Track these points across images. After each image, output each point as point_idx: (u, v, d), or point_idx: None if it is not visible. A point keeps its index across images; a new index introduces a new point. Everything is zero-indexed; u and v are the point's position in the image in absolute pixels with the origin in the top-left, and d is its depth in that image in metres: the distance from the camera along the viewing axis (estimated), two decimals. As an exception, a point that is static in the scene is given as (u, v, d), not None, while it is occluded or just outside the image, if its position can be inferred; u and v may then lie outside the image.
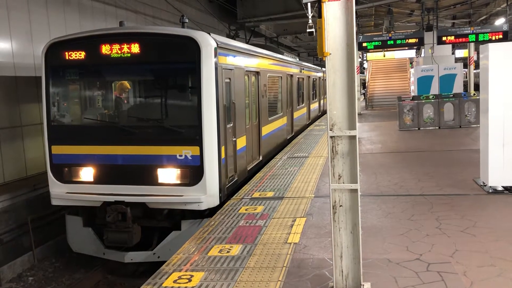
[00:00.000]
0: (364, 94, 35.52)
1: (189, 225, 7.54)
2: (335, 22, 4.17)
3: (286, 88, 14.91)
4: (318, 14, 4.29)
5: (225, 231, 6.41)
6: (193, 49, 7.33)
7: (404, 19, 27.95)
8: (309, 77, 20.74)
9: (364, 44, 21.85)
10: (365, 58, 37.20)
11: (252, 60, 10.55)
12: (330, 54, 4.19)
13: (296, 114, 16.98)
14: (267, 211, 7.27)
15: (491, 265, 4.94)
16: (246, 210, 7.40)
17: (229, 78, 8.48)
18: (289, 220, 6.78)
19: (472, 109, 17.14)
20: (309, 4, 8.33)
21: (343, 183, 4.29)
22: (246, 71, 9.81)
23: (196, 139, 7.36)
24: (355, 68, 4.24)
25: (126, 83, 8.25)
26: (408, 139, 15.16)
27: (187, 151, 7.39)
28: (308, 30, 10.46)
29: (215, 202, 7.58)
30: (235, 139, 8.73)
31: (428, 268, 4.91)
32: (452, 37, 20.46)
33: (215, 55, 7.50)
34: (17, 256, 8.72)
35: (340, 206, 4.33)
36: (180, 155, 7.41)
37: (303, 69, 19.29)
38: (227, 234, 6.28)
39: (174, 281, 4.85)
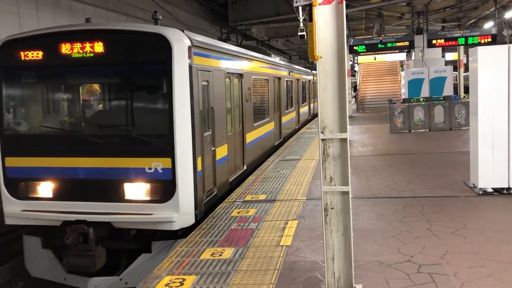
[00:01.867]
0: (355, 97, 35.67)
1: (161, 247, 6.71)
2: (326, 25, 4.20)
3: (274, 91, 14.28)
4: (309, 17, 4.31)
5: (217, 234, 6.41)
6: (163, 48, 6.50)
7: (395, 22, 28.16)
8: (298, 79, 20.44)
9: (355, 47, 21.99)
10: (356, 61, 37.45)
11: (235, 62, 9.75)
12: (321, 57, 4.22)
13: (284, 119, 16.28)
14: (259, 214, 7.27)
15: (481, 266, 4.99)
16: (238, 213, 7.40)
17: (207, 81, 7.68)
18: (281, 223, 6.79)
19: (462, 111, 17.30)
20: (300, 8, 8.38)
21: (335, 185, 4.31)
22: (227, 73, 8.99)
23: (167, 149, 6.53)
24: (346, 71, 4.27)
25: (92, 87, 7.49)
26: (399, 141, 15.25)
27: (158, 164, 6.56)
28: (299, 34, 10.54)
29: (190, 221, 6.72)
30: (214, 148, 7.93)
31: (419, 270, 4.95)
32: (442, 40, 20.65)
33: (190, 55, 6.71)
34: (7, 261, 8.64)
35: (332, 208, 4.35)
36: (150, 168, 6.58)
37: (292, 71, 18.85)
38: (219, 237, 6.28)
39: (166, 285, 4.84)
